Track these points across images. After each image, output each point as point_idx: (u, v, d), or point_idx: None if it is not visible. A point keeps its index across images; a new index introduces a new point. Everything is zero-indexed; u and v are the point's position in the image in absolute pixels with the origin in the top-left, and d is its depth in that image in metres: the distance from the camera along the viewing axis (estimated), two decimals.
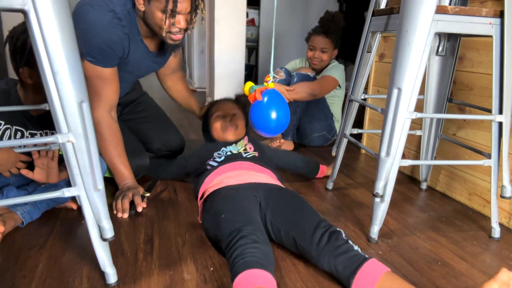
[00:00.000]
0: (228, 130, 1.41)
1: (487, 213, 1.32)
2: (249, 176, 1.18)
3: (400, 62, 0.98)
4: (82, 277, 0.89)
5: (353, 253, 0.86)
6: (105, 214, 0.81)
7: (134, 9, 1.24)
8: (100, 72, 1.25)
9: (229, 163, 1.25)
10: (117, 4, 1.21)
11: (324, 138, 2.12)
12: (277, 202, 1.06)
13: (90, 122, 0.75)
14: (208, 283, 0.89)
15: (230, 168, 1.23)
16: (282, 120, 1.22)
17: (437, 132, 1.47)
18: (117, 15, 1.20)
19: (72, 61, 0.70)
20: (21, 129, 1.15)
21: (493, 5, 1.28)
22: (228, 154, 1.32)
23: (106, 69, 1.26)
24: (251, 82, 1.25)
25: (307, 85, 1.91)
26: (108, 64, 1.25)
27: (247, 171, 1.22)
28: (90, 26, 1.18)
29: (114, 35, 1.21)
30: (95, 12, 1.18)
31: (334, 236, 0.89)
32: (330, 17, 2.00)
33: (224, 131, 1.41)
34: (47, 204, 1.16)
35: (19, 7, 0.63)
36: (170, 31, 1.21)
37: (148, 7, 1.19)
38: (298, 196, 1.10)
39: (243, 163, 1.26)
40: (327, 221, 0.95)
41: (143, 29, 1.28)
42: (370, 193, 1.22)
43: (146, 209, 1.26)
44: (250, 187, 1.11)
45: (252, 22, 4.44)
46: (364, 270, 0.82)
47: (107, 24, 1.19)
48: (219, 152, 1.33)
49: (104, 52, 1.21)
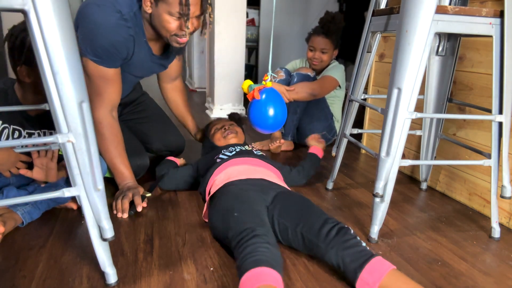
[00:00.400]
0: (229, 135, 1.48)
1: (487, 213, 1.32)
2: (257, 172, 1.20)
3: (400, 62, 0.98)
4: (82, 277, 0.89)
5: (361, 248, 0.87)
6: (105, 214, 0.81)
7: (140, 11, 1.23)
8: (104, 72, 1.24)
9: (239, 157, 1.27)
10: (124, 5, 1.20)
11: (324, 138, 2.11)
12: (284, 202, 1.06)
13: (90, 122, 0.75)
14: (208, 283, 0.89)
15: (240, 162, 1.25)
16: (279, 117, 1.28)
17: (437, 132, 1.47)
18: (124, 16, 1.20)
19: (72, 61, 0.70)
20: (19, 129, 1.15)
21: (493, 5, 1.28)
22: (238, 150, 1.35)
23: (110, 69, 1.25)
24: (249, 81, 1.28)
25: (307, 85, 1.91)
26: (112, 64, 1.25)
27: (256, 167, 1.24)
28: (96, 26, 1.17)
29: (119, 36, 1.20)
30: (102, 12, 1.17)
31: (343, 231, 0.91)
32: (330, 18, 1.99)
33: (226, 137, 1.48)
34: (48, 204, 1.16)
35: (19, 7, 0.63)
36: (177, 34, 1.21)
37: (155, 9, 1.18)
38: (305, 198, 1.09)
39: (253, 159, 1.28)
40: (335, 218, 0.96)
41: (149, 31, 1.27)
42: (370, 193, 1.22)
43: (146, 209, 1.25)
44: (259, 189, 1.10)
45: (252, 22, 4.44)
46: (371, 265, 0.83)
47: (113, 24, 1.18)
48: (229, 149, 1.37)
49: (108, 53, 1.21)
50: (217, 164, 1.26)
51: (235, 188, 1.11)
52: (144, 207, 1.25)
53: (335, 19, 1.99)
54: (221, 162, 1.26)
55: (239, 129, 1.54)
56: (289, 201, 1.06)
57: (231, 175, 1.18)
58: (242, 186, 1.12)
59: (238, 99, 2.97)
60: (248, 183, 1.13)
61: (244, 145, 1.45)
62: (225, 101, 2.92)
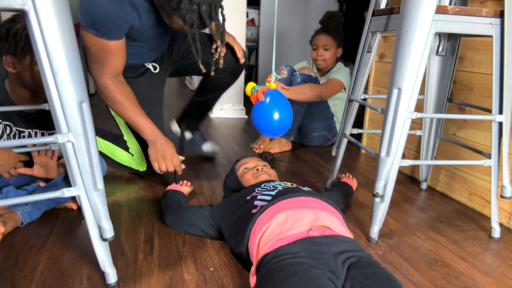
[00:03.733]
0: (260, 174, 1.15)
1: (487, 213, 1.32)
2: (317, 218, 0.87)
3: (400, 62, 0.98)
4: (82, 277, 0.89)
5: None
6: (105, 214, 0.81)
7: None
8: (104, 45, 1.19)
9: (288, 198, 0.94)
10: None
11: (324, 138, 2.12)
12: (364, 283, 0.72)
13: (90, 122, 0.75)
14: (208, 283, 0.89)
15: (289, 205, 0.91)
16: (285, 121, 1.21)
17: (437, 132, 1.47)
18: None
19: (72, 61, 0.70)
20: (10, 124, 1.15)
21: (493, 5, 1.28)
22: (281, 187, 1.01)
23: (111, 41, 1.19)
24: (253, 83, 1.25)
25: (315, 87, 1.94)
26: (112, 37, 1.19)
27: (318, 211, 0.90)
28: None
29: (118, 8, 1.15)
30: None
31: None
32: (328, 15, 2.08)
33: (257, 176, 1.15)
34: (47, 204, 1.16)
35: (19, 7, 0.63)
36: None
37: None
38: (393, 279, 0.74)
39: (307, 198, 0.95)
40: None
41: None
42: (370, 193, 1.22)
43: (146, 209, 1.26)
44: (330, 262, 0.75)
45: (252, 22, 4.44)
46: None
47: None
48: (263, 187, 1.04)
49: (107, 26, 1.15)
50: (258, 211, 0.92)
51: (299, 263, 0.74)
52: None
53: (334, 16, 2.07)
54: (262, 208, 0.92)
55: (273, 171, 1.21)
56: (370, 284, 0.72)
57: (284, 227, 0.85)
58: (307, 260, 0.74)
59: (238, 99, 2.96)
60: (315, 253, 0.76)
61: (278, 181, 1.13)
62: (225, 101, 2.92)
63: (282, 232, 0.83)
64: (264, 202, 0.94)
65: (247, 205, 0.97)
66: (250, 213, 0.93)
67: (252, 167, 1.19)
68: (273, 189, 1.00)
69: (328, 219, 0.88)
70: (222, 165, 1.75)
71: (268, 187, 1.03)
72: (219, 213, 1.05)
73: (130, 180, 1.50)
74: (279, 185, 1.04)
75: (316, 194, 1.00)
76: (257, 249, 0.86)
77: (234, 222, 0.98)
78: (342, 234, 0.84)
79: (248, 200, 0.99)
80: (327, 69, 2.13)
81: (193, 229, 1.09)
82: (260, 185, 1.06)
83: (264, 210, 0.91)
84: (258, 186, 1.06)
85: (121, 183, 1.47)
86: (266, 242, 0.83)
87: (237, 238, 0.94)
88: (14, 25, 1.05)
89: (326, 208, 0.93)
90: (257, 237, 0.87)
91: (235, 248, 0.96)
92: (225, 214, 1.03)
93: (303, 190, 1.02)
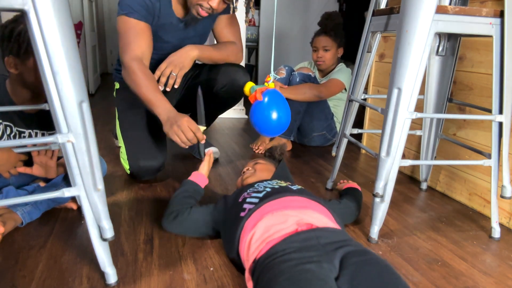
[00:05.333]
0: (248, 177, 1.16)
1: (487, 213, 1.32)
2: (306, 217, 0.86)
3: (400, 62, 0.98)
4: (82, 277, 0.89)
5: None
6: (105, 214, 0.81)
7: None
8: (133, 24, 1.34)
9: (275, 199, 0.93)
10: None
11: (324, 138, 2.12)
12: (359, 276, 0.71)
13: (90, 122, 0.75)
14: (208, 283, 0.89)
15: (278, 206, 0.90)
16: (283, 120, 1.21)
17: (437, 132, 1.47)
18: None
19: (72, 61, 0.70)
20: (10, 125, 1.15)
21: (493, 5, 1.28)
22: (269, 188, 1.00)
23: (140, 22, 1.34)
24: (251, 83, 1.25)
25: (315, 87, 1.94)
26: (142, 16, 1.35)
27: (305, 210, 0.89)
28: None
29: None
30: None
31: None
32: (326, 16, 2.09)
33: (245, 179, 1.17)
34: (47, 204, 1.16)
35: (19, 7, 0.63)
36: (201, 4, 1.33)
37: None
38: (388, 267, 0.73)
39: (295, 198, 0.94)
40: None
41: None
42: (370, 193, 1.22)
43: (146, 209, 1.26)
44: (322, 254, 0.74)
45: (252, 22, 4.44)
46: None
47: None
48: (254, 188, 1.03)
49: (139, 4, 1.33)
50: (246, 215, 0.91)
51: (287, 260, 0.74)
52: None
53: (331, 16, 2.07)
54: (250, 212, 0.91)
55: (263, 165, 1.21)
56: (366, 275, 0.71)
57: (271, 228, 0.84)
58: (296, 255, 0.74)
59: None
60: (304, 247, 0.76)
61: (273, 179, 1.13)
62: None
63: (270, 235, 0.82)
64: (252, 205, 0.93)
65: (237, 208, 0.97)
66: (239, 217, 0.93)
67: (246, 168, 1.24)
68: (262, 190, 1.00)
69: (315, 217, 0.87)
70: (222, 165, 1.74)
71: (258, 188, 1.02)
72: (217, 215, 1.04)
73: (130, 180, 1.50)
74: (269, 185, 1.03)
75: (305, 193, 0.99)
76: (247, 254, 0.85)
77: (225, 227, 0.99)
78: (330, 226, 0.85)
79: (239, 202, 0.98)
80: (328, 69, 2.13)
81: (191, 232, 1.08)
82: (253, 185, 1.05)
83: (251, 214, 0.91)
84: (250, 186, 1.05)
85: (121, 183, 1.47)
86: (256, 246, 0.83)
87: (228, 243, 0.95)
88: (17, 26, 1.04)
89: (313, 207, 0.92)
90: (245, 241, 0.87)
91: (228, 253, 0.97)
92: (220, 218, 1.03)
93: (291, 189, 1.01)
